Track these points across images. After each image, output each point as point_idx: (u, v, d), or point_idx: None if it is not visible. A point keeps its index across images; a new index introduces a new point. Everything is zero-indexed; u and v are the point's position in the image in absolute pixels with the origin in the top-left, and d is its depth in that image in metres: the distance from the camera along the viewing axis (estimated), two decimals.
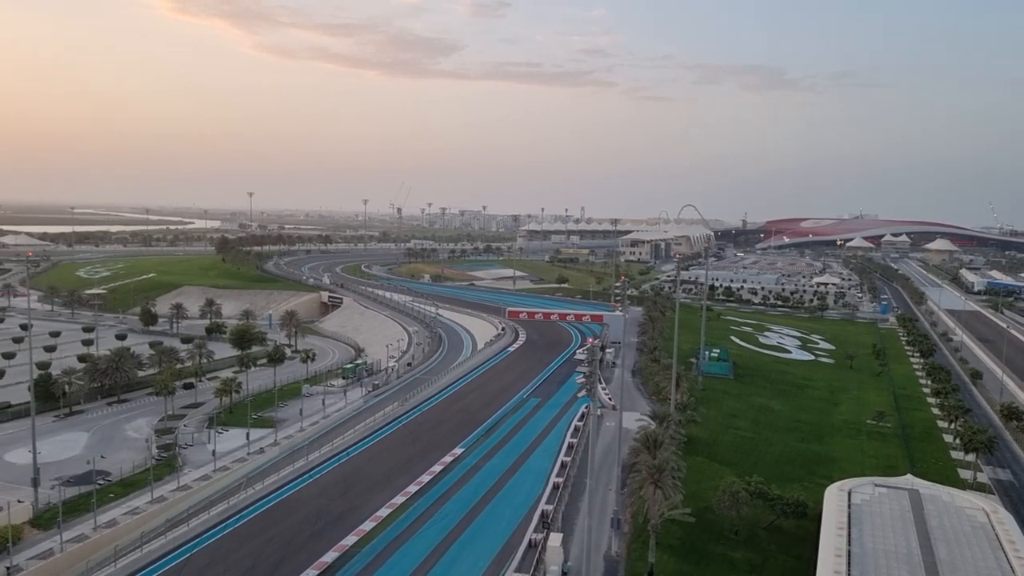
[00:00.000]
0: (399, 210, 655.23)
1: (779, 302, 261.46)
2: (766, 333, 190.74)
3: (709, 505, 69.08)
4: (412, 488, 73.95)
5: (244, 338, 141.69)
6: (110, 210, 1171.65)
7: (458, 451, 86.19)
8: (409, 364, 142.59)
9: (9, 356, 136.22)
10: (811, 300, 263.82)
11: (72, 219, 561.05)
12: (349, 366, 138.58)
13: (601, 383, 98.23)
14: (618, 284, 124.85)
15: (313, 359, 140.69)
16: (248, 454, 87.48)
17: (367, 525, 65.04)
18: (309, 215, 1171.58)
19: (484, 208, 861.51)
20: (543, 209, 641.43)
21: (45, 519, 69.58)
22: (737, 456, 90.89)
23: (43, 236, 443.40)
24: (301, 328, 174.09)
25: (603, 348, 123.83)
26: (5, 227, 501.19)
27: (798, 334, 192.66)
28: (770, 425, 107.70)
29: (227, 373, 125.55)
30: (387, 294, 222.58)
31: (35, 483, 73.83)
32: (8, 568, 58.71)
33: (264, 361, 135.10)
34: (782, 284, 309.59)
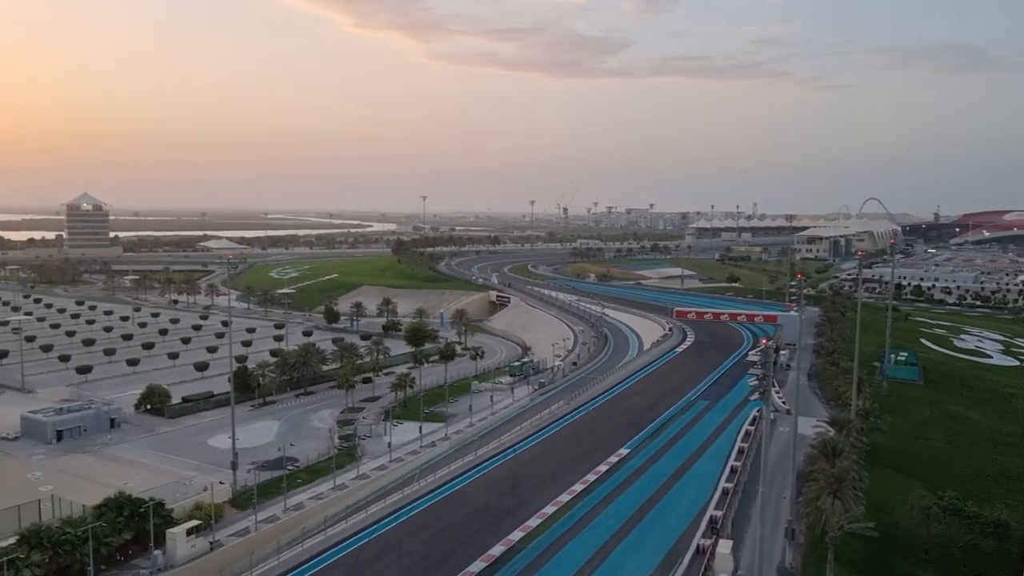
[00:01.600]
0: (565, 210, 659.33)
1: (978, 302, 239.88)
2: (962, 336, 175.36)
3: (895, 520, 64.34)
4: (578, 487, 74.01)
5: (418, 336, 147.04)
6: (298, 215, 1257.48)
7: (623, 452, 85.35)
8: (575, 363, 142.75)
9: (212, 350, 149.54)
10: (1016, 300, 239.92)
11: (265, 224, 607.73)
12: (516, 364, 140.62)
13: (775, 386, 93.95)
14: (793, 283, 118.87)
15: (482, 357, 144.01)
16: (421, 447, 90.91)
17: (533, 521, 65.73)
18: (479, 217, 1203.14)
19: (651, 206, 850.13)
20: (712, 206, 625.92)
21: (242, 500, 75.51)
22: (927, 469, 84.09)
23: (241, 240, 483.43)
24: (471, 326, 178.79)
25: (777, 350, 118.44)
26: (210, 232, 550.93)
27: (1001, 337, 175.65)
28: (967, 436, 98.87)
29: (402, 369, 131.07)
30: (553, 293, 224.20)
31: (234, 466, 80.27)
32: (211, 543, 64.32)
33: (436, 358, 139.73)
34: (981, 283, 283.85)
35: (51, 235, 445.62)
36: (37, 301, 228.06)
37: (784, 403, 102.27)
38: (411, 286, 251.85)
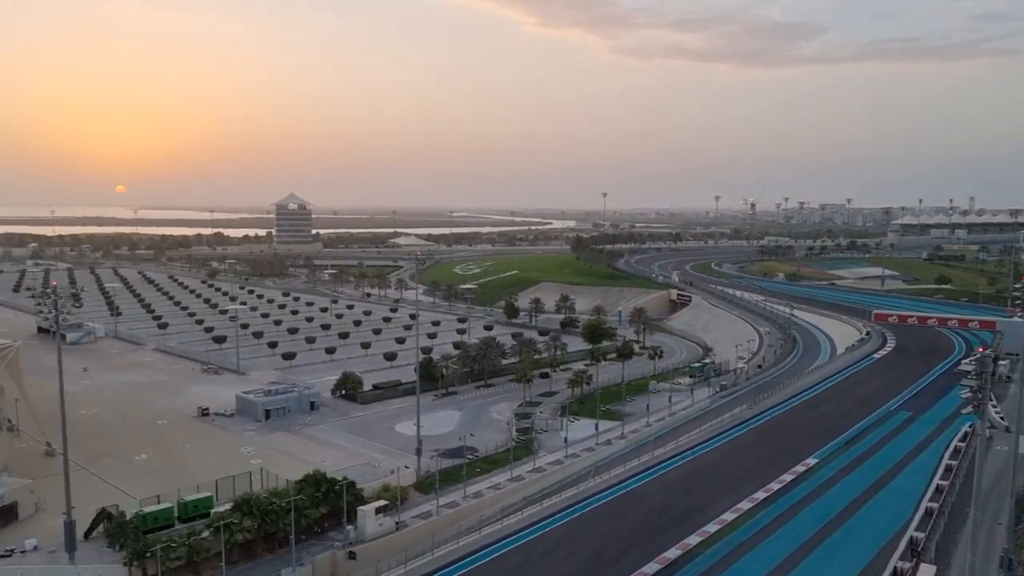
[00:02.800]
0: (752, 206, 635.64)
1: None
2: None
3: None
4: (760, 495, 71.02)
5: (595, 333, 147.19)
6: (481, 213, 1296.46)
7: (811, 461, 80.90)
8: (759, 366, 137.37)
9: (400, 341, 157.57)
10: None
11: (451, 222, 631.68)
12: (697, 365, 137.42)
13: (992, 400, 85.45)
14: (1018, 285, 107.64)
15: (660, 356, 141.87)
16: (596, 444, 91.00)
17: (711, 527, 63.86)
18: (659, 213, 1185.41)
19: (848, 201, 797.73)
20: (920, 200, 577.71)
21: (425, 485, 78.99)
22: None
23: (427, 237, 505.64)
24: (649, 325, 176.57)
25: (996, 359, 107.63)
26: (400, 230, 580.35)
27: None
28: None
29: (579, 365, 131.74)
30: (738, 293, 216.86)
31: (418, 452, 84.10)
32: (397, 523, 67.85)
33: (613, 356, 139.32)
34: None
35: (263, 232, 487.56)
36: (250, 292, 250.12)
37: (1003, 419, 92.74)
38: (589, 283, 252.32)
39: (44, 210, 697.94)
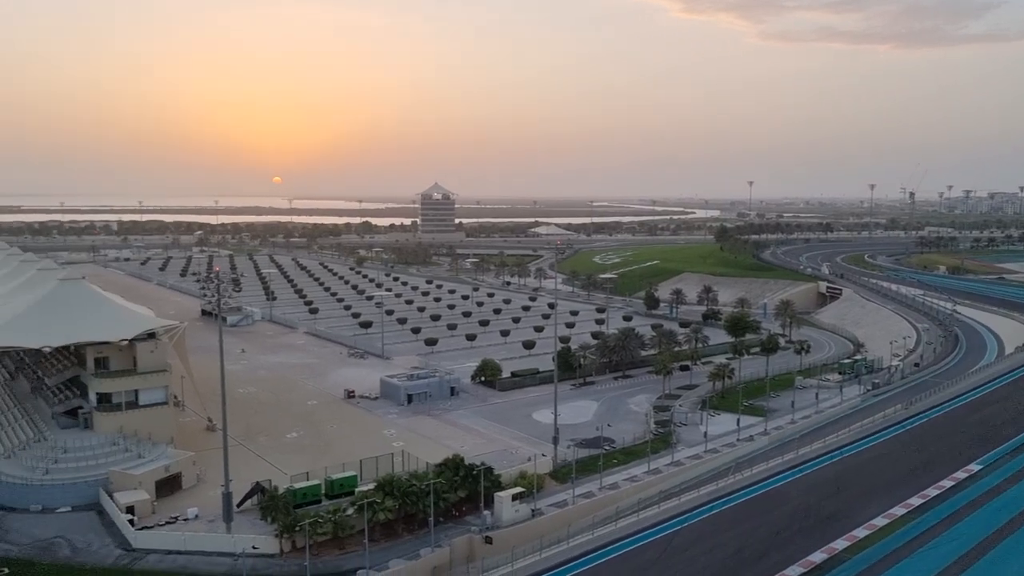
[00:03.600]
0: (911, 195, 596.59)
1: None
2: None
3: None
4: (915, 500, 66.66)
5: (738, 325, 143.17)
6: (622, 202, 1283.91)
7: (974, 468, 75.07)
8: (916, 364, 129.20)
9: (539, 330, 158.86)
10: None
11: (591, 211, 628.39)
12: (847, 361, 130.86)
13: None
14: None
15: (807, 351, 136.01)
16: (738, 440, 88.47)
17: (860, 532, 60.57)
18: (809, 203, 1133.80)
19: (1021, 190, 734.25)
20: None
21: (561, 473, 79.39)
22: None
23: (567, 227, 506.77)
24: (796, 319, 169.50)
25: None
26: (540, 219, 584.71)
27: None
28: None
29: (720, 358, 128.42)
30: (893, 287, 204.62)
31: (555, 441, 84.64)
32: (533, 510, 68.57)
33: (757, 349, 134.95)
34: None
35: (408, 221, 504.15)
36: (395, 279, 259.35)
37: None
38: (733, 274, 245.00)
39: (209, 200, 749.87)
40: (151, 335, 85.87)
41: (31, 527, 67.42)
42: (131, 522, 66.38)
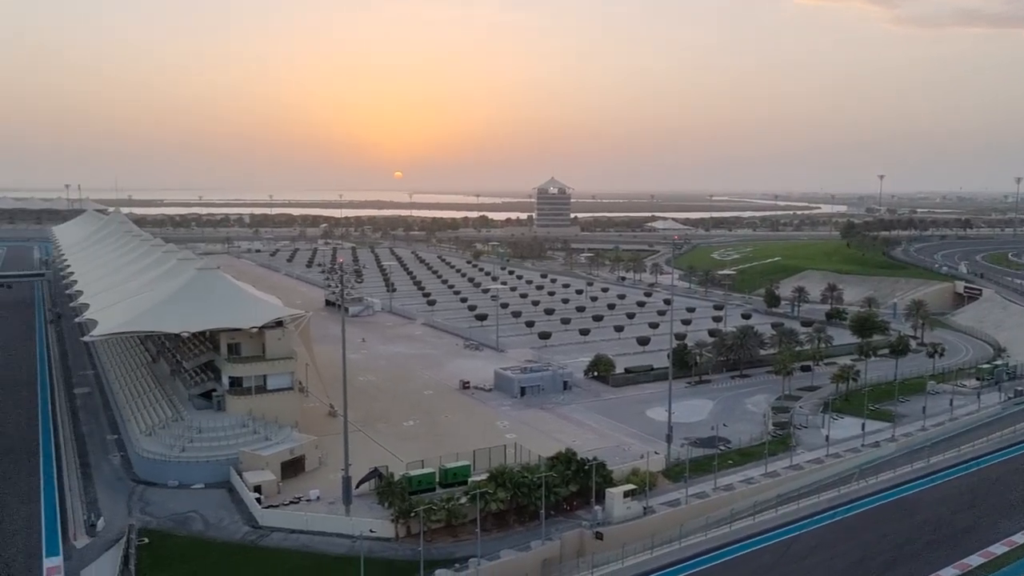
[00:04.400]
0: None
1: None
2: None
3: None
4: None
5: (865, 326, 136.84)
6: (743, 197, 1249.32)
7: None
8: None
9: (654, 326, 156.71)
10: None
11: (710, 206, 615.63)
12: (986, 366, 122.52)
13: None
14: None
15: (941, 354, 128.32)
16: (862, 445, 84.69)
17: (997, 548, 56.88)
18: (946, 197, 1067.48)
19: None
20: None
21: (673, 472, 78.15)
22: None
23: (685, 222, 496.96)
24: (929, 320, 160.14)
25: None
26: (657, 214, 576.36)
27: None
28: None
29: (845, 360, 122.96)
30: None
31: (668, 439, 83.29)
32: (644, 508, 67.79)
33: (885, 351, 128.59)
34: None
35: (524, 216, 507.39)
36: (511, 273, 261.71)
37: None
38: (860, 272, 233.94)
39: (334, 194, 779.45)
40: (279, 323, 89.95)
41: (168, 501, 72.09)
42: (258, 501, 69.91)
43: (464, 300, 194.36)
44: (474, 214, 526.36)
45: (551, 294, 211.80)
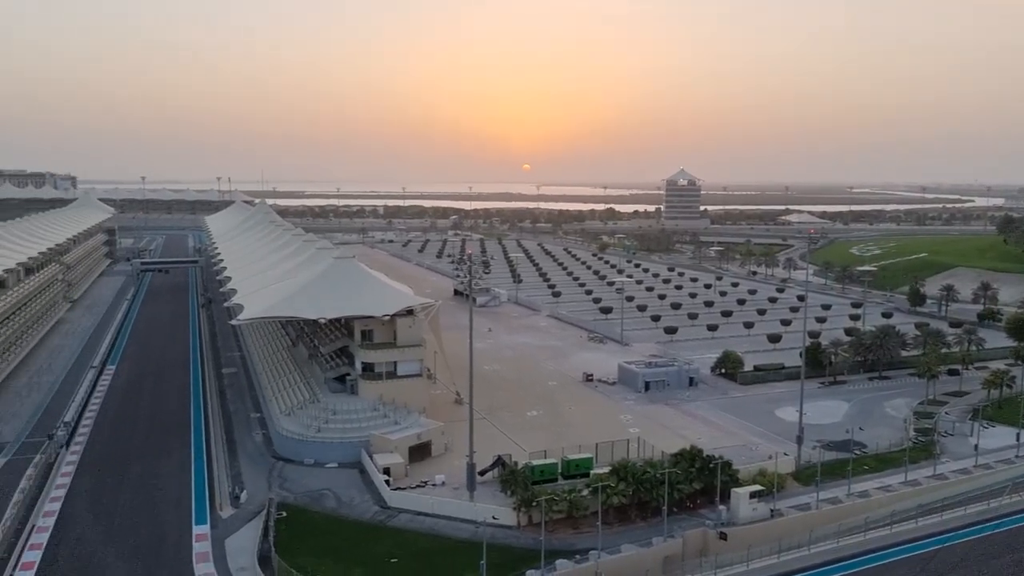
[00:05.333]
0: None
1: None
2: None
3: None
4: None
5: (1022, 328, 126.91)
6: (885, 189, 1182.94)
7: None
8: None
9: (786, 323, 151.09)
10: None
11: (849, 198, 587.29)
12: None
13: None
14: None
15: None
16: (1016, 456, 78.85)
17: None
18: None
19: None
20: None
21: (804, 475, 75.29)
22: None
23: (822, 215, 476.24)
24: None
25: None
26: (792, 207, 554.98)
27: None
28: None
29: (999, 364, 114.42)
30: None
31: (799, 441, 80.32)
32: (772, 510, 65.73)
33: None
34: None
35: (651, 208, 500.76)
36: (637, 266, 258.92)
37: None
38: (1018, 271, 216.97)
39: (463, 187, 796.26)
40: (409, 312, 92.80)
41: (304, 478, 75.99)
42: (387, 482, 72.54)
43: (589, 292, 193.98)
44: (601, 206, 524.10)
45: (678, 288, 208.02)
